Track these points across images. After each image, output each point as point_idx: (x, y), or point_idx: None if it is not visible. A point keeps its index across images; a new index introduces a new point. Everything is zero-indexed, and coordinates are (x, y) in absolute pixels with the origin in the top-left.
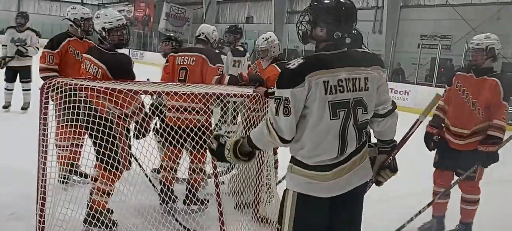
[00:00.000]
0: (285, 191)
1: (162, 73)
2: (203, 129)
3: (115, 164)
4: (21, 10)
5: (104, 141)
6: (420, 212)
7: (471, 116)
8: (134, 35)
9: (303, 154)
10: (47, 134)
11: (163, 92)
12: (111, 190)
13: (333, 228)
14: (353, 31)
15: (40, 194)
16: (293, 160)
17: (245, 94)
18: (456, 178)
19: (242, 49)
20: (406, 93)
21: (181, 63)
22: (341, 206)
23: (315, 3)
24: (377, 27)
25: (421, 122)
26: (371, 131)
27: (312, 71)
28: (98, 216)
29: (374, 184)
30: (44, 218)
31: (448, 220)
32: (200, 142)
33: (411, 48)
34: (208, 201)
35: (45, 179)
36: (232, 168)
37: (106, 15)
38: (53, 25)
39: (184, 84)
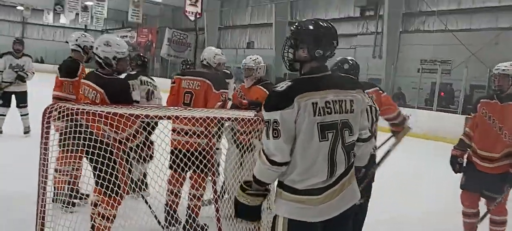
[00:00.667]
0: (275, 217)
1: (169, 94)
2: (204, 153)
3: (115, 188)
4: (25, 36)
5: (104, 165)
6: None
7: (498, 140)
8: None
9: (293, 178)
10: (47, 159)
11: (165, 116)
12: (111, 215)
13: None
14: (350, 61)
15: (39, 219)
16: (281, 185)
17: (245, 118)
18: (482, 199)
19: (228, 72)
20: (407, 117)
21: (187, 86)
22: (333, 229)
23: (294, 27)
24: (377, 52)
25: (391, 151)
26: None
27: (301, 93)
28: None
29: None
30: None
31: None
32: (201, 166)
33: (411, 73)
34: (207, 227)
35: (45, 204)
36: (224, 193)
37: (118, 44)
38: (57, 51)
39: (188, 108)
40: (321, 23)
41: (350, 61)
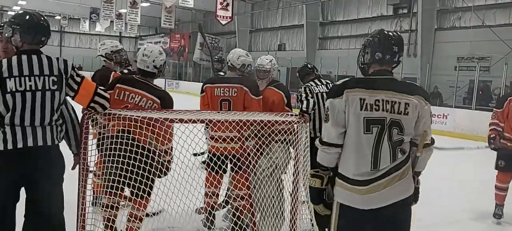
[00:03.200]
0: (332, 202)
1: (200, 105)
2: (237, 155)
3: (148, 189)
4: (63, 45)
5: (145, 171)
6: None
7: None
8: (169, 66)
9: (344, 168)
10: (86, 164)
11: (213, 120)
12: (143, 216)
13: None
14: (400, 59)
15: (80, 222)
16: (337, 174)
17: (287, 121)
18: None
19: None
20: (445, 117)
21: (222, 94)
22: (380, 218)
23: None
24: (411, 51)
25: None
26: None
27: (351, 88)
28: None
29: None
30: None
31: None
32: (237, 166)
33: (448, 71)
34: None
35: (85, 208)
36: (227, 204)
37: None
38: (93, 59)
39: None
40: (385, 31)
41: None
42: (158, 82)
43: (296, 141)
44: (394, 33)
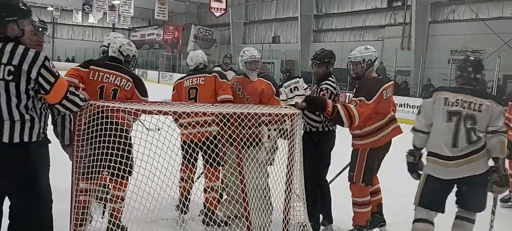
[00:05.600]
0: (422, 175)
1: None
2: (215, 141)
3: (128, 169)
4: (55, 36)
5: (123, 150)
6: None
7: None
8: (163, 58)
9: (432, 147)
10: (79, 154)
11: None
12: (125, 195)
13: (458, 201)
14: (477, 76)
15: (74, 215)
16: (428, 152)
17: (280, 114)
18: None
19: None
20: None
21: (190, 84)
22: (459, 186)
23: None
24: (405, 44)
25: None
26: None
27: (439, 91)
28: (118, 223)
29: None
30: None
31: None
32: (213, 155)
33: (441, 64)
34: (227, 224)
35: (78, 199)
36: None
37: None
38: (86, 50)
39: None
40: (467, 57)
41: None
42: (152, 74)
43: (291, 134)
44: (472, 58)
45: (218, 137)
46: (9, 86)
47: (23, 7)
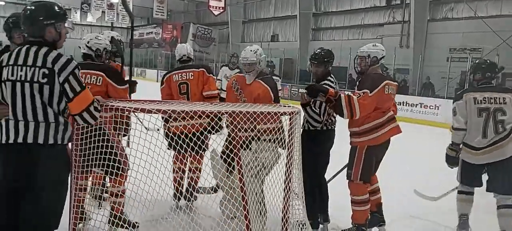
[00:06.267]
0: (460, 159)
1: (161, 97)
2: (205, 133)
3: (118, 165)
4: None
5: (106, 147)
6: None
7: None
8: (162, 56)
9: (467, 139)
10: (78, 155)
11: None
12: (121, 191)
13: (490, 180)
14: (493, 75)
15: (73, 213)
16: (463, 143)
17: (280, 113)
18: None
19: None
20: (437, 107)
21: (180, 79)
22: (489, 168)
23: None
24: (404, 42)
25: None
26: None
27: (468, 93)
28: (119, 215)
29: None
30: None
31: None
32: (203, 146)
33: (440, 62)
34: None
35: (78, 198)
36: (217, 189)
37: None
38: (75, 49)
39: (185, 100)
40: (483, 60)
41: None
42: (151, 73)
43: (289, 133)
44: (487, 62)
45: (208, 128)
46: (43, 89)
47: (59, 10)
